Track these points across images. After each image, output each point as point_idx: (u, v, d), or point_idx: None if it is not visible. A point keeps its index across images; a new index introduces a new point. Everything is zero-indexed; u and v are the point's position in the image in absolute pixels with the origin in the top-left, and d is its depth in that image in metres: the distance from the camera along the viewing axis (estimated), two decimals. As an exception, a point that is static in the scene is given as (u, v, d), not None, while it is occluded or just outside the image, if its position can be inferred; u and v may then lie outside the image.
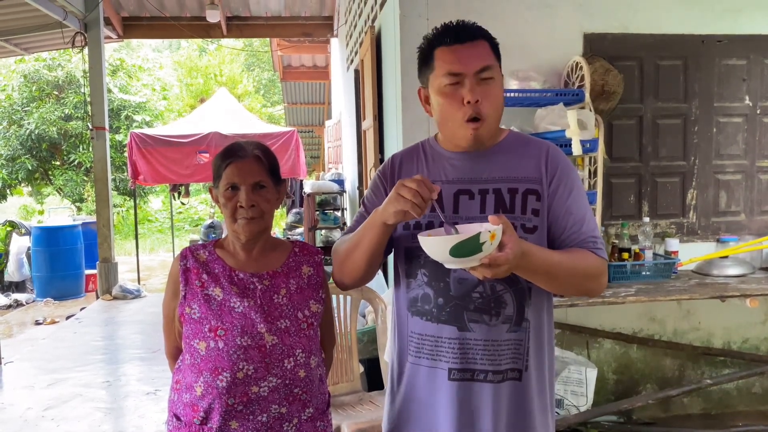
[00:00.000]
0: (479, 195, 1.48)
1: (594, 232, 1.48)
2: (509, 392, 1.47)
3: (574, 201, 1.48)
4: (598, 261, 1.45)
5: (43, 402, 4.29)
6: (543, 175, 1.49)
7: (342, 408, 2.75)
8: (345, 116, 7.85)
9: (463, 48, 1.43)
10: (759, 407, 3.74)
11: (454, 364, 1.47)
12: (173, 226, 11.76)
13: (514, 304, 1.47)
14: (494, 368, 1.46)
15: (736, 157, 3.65)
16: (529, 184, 1.48)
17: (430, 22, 3.28)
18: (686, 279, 3.29)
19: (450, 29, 1.46)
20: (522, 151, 1.52)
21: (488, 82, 1.43)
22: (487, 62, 1.43)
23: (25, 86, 14.04)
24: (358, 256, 1.48)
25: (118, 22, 8.67)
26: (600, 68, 3.25)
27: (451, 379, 1.47)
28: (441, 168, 1.53)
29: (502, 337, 1.46)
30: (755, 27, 3.55)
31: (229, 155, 1.62)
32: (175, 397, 1.67)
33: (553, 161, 1.50)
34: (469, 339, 1.46)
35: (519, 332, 1.47)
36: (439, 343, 1.48)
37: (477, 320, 1.46)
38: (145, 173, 7.80)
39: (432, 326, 1.49)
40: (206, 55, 22.29)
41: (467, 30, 1.46)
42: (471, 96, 1.41)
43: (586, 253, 1.44)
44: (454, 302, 1.46)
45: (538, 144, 1.55)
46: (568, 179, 1.49)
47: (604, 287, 1.50)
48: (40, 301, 7.95)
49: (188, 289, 1.63)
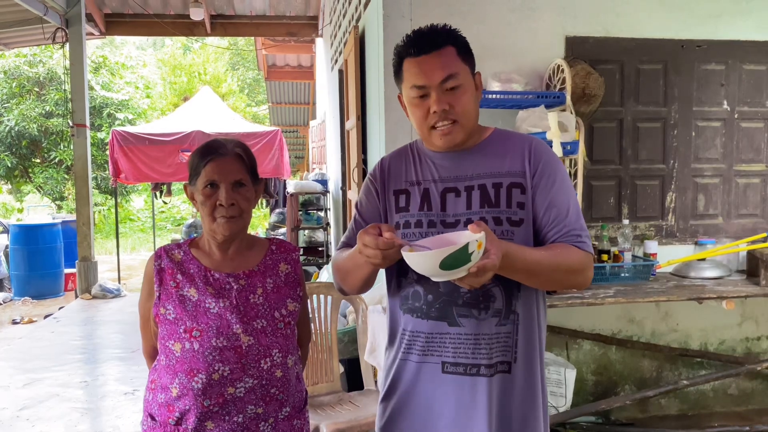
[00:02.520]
0: (465, 192, 1.51)
1: (578, 224, 1.48)
2: (500, 385, 1.49)
3: (558, 193, 1.49)
4: (582, 255, 1.45)
5: (19, 402, 4.23)
6: (527, 169, 1.50)
7: (321, 408, 2.74)
8: (329, 116, 7.83)
9: (427, 59, 1.45)
10: (735, 408, 3.79)
11: (446, 358, 1.49)
12: (155, 225, 11.66)
13: (502, 298, 1.48)
14: (486, 362, 1.47)
15: (714, 161, 3.69)
16: (513, 178, 1.50)
17: (413, 22, 3.28)
18: (664, 281, 3.33)
19: (414, 40, 1.47)
20: (505, 146, 1.54)
21: (454, 90, 1.46)
22: (451, 71, 1.45)
23: (5, 82, 13.86)
24: (354, 280, 1.56)
25: (100, 18, 8.58)
26: (581, 71, 3.27)
27: (445, 372, 1.50)
28: (428, 168, 1.56)
29: (491, 330, 1.48)
30: (733, 33, 3.60)
31: (209, 152, 1.60)
32: (150, 397, 1.65)
33: (536, 154, 1.51)
34: (460, 334, 1.48)
35: (507, 325, 1.49)
36: (431, 339, 1.50)
37: (466, 315, 1.48)
38: (127, 171, 7.72)
39: (423, 323, 1.52)
40: (190, 54, 22.13)
41: (431, 38, 1.46)
42: (437, 106, 1.46)
43: (569, 248, 1.45)
44: (443, 298, 1.48)
45: (521, 138, 1.57)
46: (552, 171, 1.50)
47: (590, 280, 1.51)
48: (18, 300, 7.83)
49: (162, 289, 1.61)
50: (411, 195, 1.56)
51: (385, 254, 1.33)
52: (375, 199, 1.62)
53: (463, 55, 1.48)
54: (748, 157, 3.72)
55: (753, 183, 3.74)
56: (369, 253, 1.34)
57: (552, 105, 3.21)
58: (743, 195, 3.74)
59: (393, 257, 1.34)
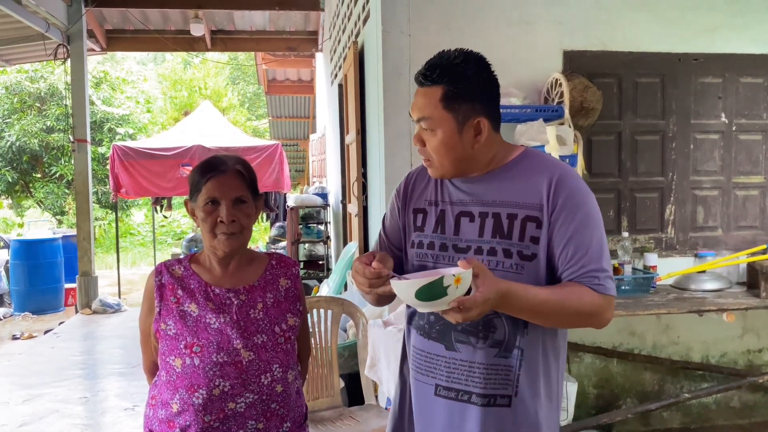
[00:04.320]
0: (479, 218, 1.48)
1: (598, 264, 1.40)
2: (498, 417, 1.45)
3: (578, 231, 1.42)
4: (596, 297, 1.39)
5: (18, 418, 4.21)
6: (545, 204, 1.43)
7: (322, 423, 2.73)
8: (329, 130, 7.86)
9: (418, 91, 1.48)
10: (737, 421, 3.77)
11: (440, 381, 1.49)
12: (155, 240, 11.66)
13: (505, 330, 1.44)
14: (480, 391, 1.45)
15: (713, 173, 3.71)
16: (529, 211, 1.44)
17: (412, 38, 3.31)
18: (665, 293, 3.32)
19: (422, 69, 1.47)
20: (529, 174, 1.48)
21: (426, 132, 1.47)
22: (424, 113, 1.45)
23: (7, 98, 13.93)
24: (367, 298, 1.54)
25: (101, 34, 8.65)
26: (579, 85, 3.29)
27: (437, 395, 1.49)
28: (447, 189, 1.55)
29: (488, 360, 1.44)
30: (730, 46, 3.62)
31: (210, 169, 1.60)
32: (150, 413, 1.65)
33: (557, 190, 1.43)
34: (456, 359, 1.47)
35: (509, 359, 1.45)
36: (430, 359, 1.51)
37: (463, 341, 1.46)
38: (127, 186, 7.75)
39: (425, 342, 1.52)
40: (191, 68, 22.25)
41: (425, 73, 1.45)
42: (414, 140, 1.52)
43: (581, 289, 1.38)
44: (444, 321, 1.46)
45: (548, 168, 1.47)
46: (574, 206, 1.43)
47: (608, 321, 1.43)
48: (18, 315, 7.82)
49: (163, 305, 1.62)
50: (428, 215, 1.56)
51: (371, 283, 1.36)
52: (397, 215, 1.63)
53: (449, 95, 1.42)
54: (747, 169, 3.73)
55: (752, 195, 3.75)
56: (359, 280, 1.39)
57: (550, 119, 3.23)
58: (742, 207, 3.75)
59: (382, 287, 1.36)
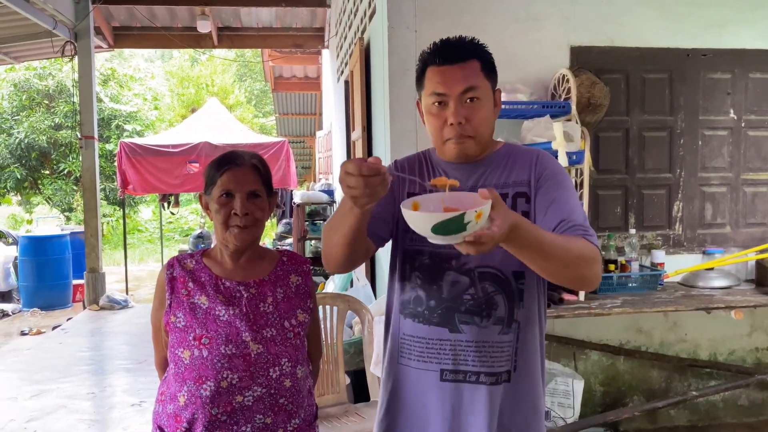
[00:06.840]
0: None
1: (583, 222, 1.42)
2: (500, 394, 1.48)
3: (561, 197, 1.46)
4: (592, 246, 1.39)
5: (26, 413, 4.24)
6: (531, 178, 1.50)
7: (327, 420, 2.74)
8: (335, 127, 7.86)
9: (450, 69, 1.45)
10: (745, 419, 3.75)
11: (446, 365, 1.49)
12: (163, 236, 11.71)
13: (505, 306, 1.48)
14: (487, 370, 1.47)
15: (721, 169, 3.68)
16: (518, 188, 1.50)
17: (418, 34, 3.30)
18: (672, 291, 3.31)
19: (441, 49, 1.48)
20: (514, 159, 1.55)
21: (473, 102, 1.45)
22: (471, 83, 1.45)
23: (15, 95, 13.99)
24: (338, 238, 1.42)
25: (108, 31, 8.66)
26: (586, 81, 3.28)
27: (444, 380, 1.49)
28: (438, 176, 1.56)
29: (493, 338, 1.47)
30: (739, 41, 3.60)
31: (226, 162, 1.62)
32: (159, 409, 1.65)
33: (541, 164, 1.51)
34: (461, 341, 1.47)
35: (510, 334, 1.48)
36: (430, 345, 1.50)
37: (468, 322, 1.47)
38: (135, 183, 7.79)
39: (423, 328, 1.51)
40: (198, 65, 22.29)
41: (457, 50, 1.47)
42: (454, 118, 1.45)
43: (578, 238, 1.39)
44: (446, 304, 1.48)
45: (530, 151, 1.57)
46: (555, 179, 1.49)
47: (599, 278, 1.42)
48: (27, 311, 7.86)
49: (174, 297, 1.63)
50: None
51: (367, 182, 1.19)
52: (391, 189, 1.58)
53: (486, 71, 1.48)
54: (756, 165, 3.71)
55: (761, 192, 3.73)
56: (351, 182, 1.20)
57: (557, 115, 3.21)
58: (751, 204, 3.72)
59: (376, 192, 1.21)
